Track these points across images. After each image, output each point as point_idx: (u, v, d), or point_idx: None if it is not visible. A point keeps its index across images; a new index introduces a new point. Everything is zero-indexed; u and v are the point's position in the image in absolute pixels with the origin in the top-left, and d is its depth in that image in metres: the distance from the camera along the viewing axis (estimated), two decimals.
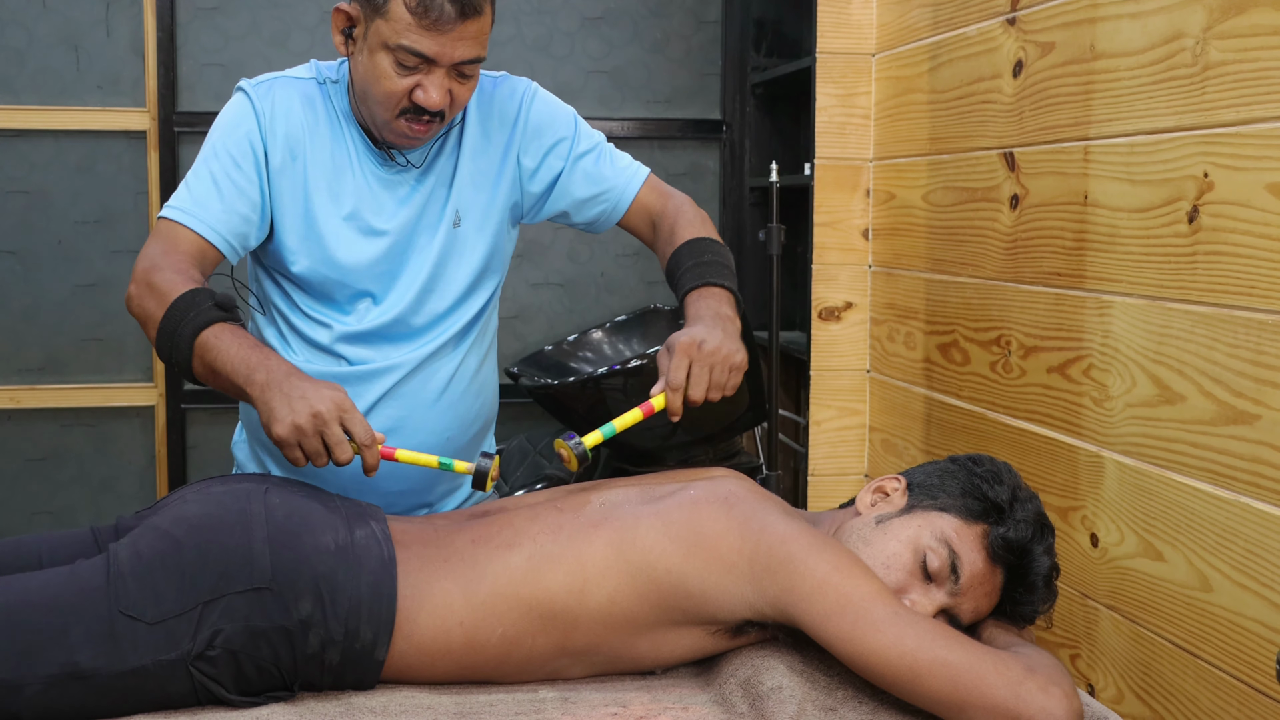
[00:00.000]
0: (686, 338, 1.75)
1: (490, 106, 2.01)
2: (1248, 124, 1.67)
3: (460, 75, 1.83)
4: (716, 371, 1.74)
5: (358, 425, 1.62)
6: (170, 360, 1.73)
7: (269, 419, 1.62)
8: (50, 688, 1.49)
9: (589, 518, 1.68)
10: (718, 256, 1.94)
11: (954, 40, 2.51)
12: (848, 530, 1.72)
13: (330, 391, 1.63)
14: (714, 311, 1.84)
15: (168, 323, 1.72)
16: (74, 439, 3.61)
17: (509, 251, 2.09)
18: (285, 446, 1.61)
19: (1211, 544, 1.76)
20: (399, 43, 1.77)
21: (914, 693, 1.48)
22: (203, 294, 1.73)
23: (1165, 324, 1.85)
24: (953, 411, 2.55)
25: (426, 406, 1.99)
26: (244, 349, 1.69)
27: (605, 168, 2.05)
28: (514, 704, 1.57)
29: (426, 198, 1.97)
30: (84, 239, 3.56)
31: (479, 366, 2.07)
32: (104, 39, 3.52)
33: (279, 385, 1.64)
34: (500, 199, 2.02)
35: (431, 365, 1.99)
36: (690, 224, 2.00)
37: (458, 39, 1.78)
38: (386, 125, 1.86)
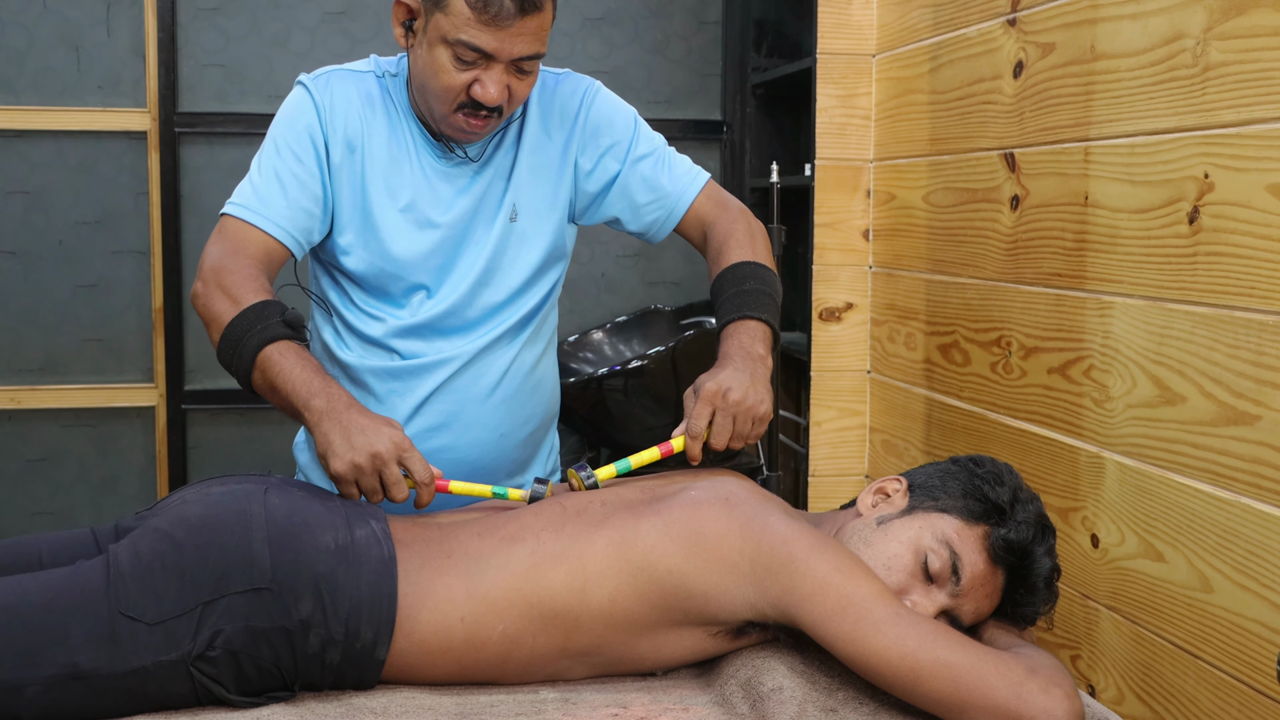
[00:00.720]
0: (713, 384, 1.74)
1: (552, 103, 1.99)
2: (1248, 125, 1.67)
3: (519, 71, 1.81)
4: (739, 422, 1.73)
5: (417, 464, 1.64)
6: (229, 367, 1.74)
7: (326, 452, 1.63)
8: (50, 688, 1.49)
9: (591, 517, 1.68)
10: (760, 284, 1.91)
11: (954, 41, 2.51)
12: (849, 531, 1.72)
13: (389, 430, 1.64)
14: (745, 351, 1.81)
15: (233, 329, 1.73)
16: (74, 439, 3.61)
17: (568, 248, 2.07)
18: (342, 483, 1.63)
19: (1212, 545, 1.75)
20: (458, 37, 1.76)
21: (915, 693, 1.48)
22: (273, 307, 1.74)
23: (1166, 325, 1.85)
24: (953, 412, 2.55)
25: (479, 402, 1.98)
26: (306, 371, 1.69)
27: (663, 173, 2.02)
28: (515, 704, 1.57)
29: (484, 191, 1.96)
30: (84, 239, 3.56)
31: (535, 363, 2.04)
32: (104, 39, 3.52)
33: (338, 417, 1.65)
34: (558, 195, 2.00)
35: (484, 359, 1.98)
36: (739, 244, 1.96)
37: (517, 35, 1.76)
38: (444, 119, 1.86)
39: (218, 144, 3.61)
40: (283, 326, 1.73)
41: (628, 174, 2.01)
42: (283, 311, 1.75)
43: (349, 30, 3.65)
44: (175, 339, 3.60)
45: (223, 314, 1.74)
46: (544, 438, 2.13)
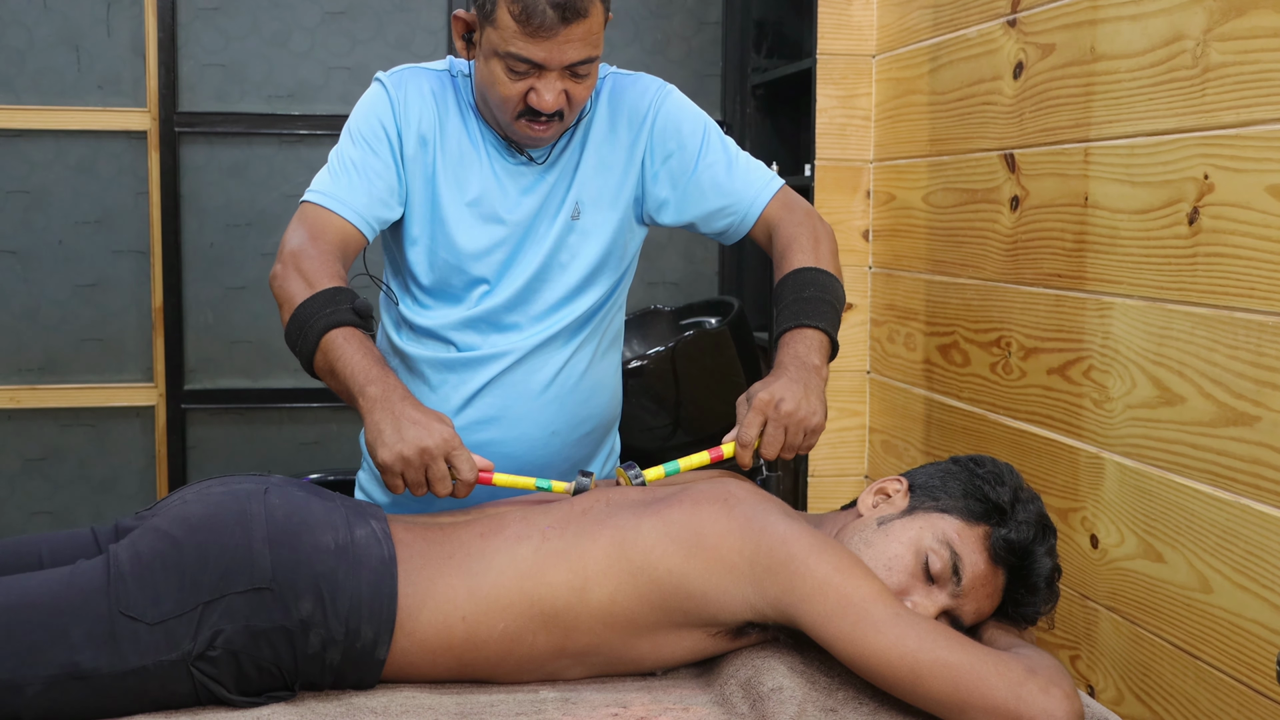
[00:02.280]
0: (766, 394, 1.73)
1: (621, 104, 2.00)
2: (1248, 126, 1.67)
3: (574, 75, 1.83)
4: (791, 433, 1.73)
5: (463, 463, 1.64)
6: (295, 346, 1.77)
7: (376, 442, 1.64)
8: (51, 688, 1.49)
9: (593, 516, 1.68)
10: (820, 291, 1.89)
11: (954, 42, 2.51)
12: (849, 532, 1.72)
13: (440, 426, 1.64)
14: (800, 361, 1.80)
15: (304, 311, 1.75)
16: (74, 439, 3.62)
17: (632, 250, 2.07)
18: (388, 473, 1.63)
19: (1211, 545, 1.76)
20: (507, 50, 1.79)
21: (915, 694, 1.48)
22: (345, 294, 1.76)
23: (1165, 325, 1.85)
24: (953, 413, 2.55)
25: (530, 398, 1.99)
26: (366, 359, 1.71)
27: (733, 178, 2.02)
28: (515, 704, 1.57)
29: (549, 188, 1.98)
30: (84, 239, 3.56)
31: (590, 364, 2.04)
32: (104, 39, 3.52)
33: (391, 407, 1.65)
34: (623, 197, 2.01)
35: (539, 357, 1.99)
36: (803, 249, 1.95)
37: (564, 42, 1.77)
38: (509, 126, 1.89)
39: (218, 143, 3.61)
40: (351, 313, 1.75)
41: (698, 179, 2.01)
42: (353, 299, 1.77)
43: (349, 30, 3.65)
44: (175, 338, 3.60)
45: (296, 295, 1.77)
46: (602, 440, 2.14)
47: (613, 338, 2.11)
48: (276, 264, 1.83)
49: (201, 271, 3.63)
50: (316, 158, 3.67)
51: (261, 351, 3.70)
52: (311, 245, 1.83)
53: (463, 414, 1.97)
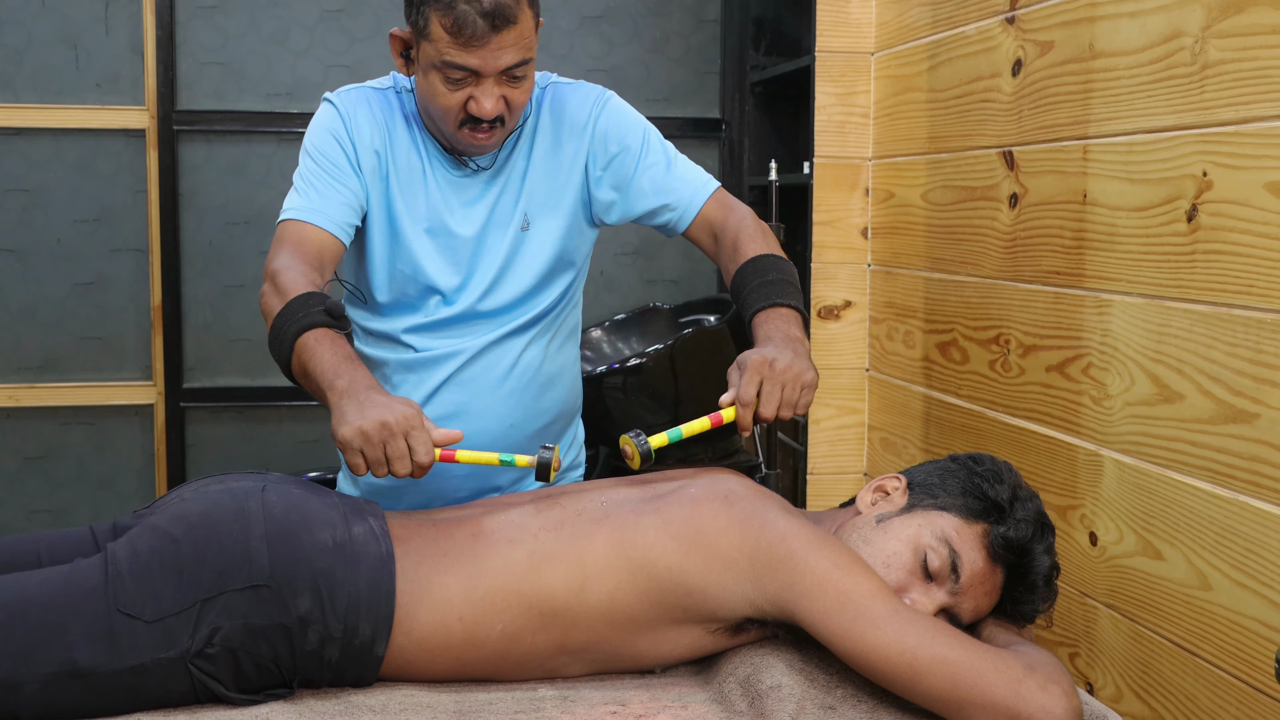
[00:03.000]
0: (758, 356, 1.75)
1: (562, 114, 2.05)
2: (1246, 123, 1.67)
3: (511, 79, 1.87)
4: (788, 390, 1.74)
5: (420, 443, 1.63)
6: (275, 356, 1.79)
7: (338, 421, 1.63)
8: (49, 686, 1.49)
9: (590, 515, 1.68)
10: (782, 274, 1.94)
11: (953, 39, 2.51)
12: (848, 529, 1.72)
13: (403, 406, 1.64)
14: (783, 333, 1.84)
15: (279, 320, 1.78)
16: (73, 437, 3.61)
17: (584, 251, 2.12)
18: (347, 450, 1.62)
19: (1210, 543, 1.76)
20: (443, 60, 1.84)
21: (913, 690, 1.48)
22: (316, 298, 1.79)
23: (1164, 323, 1.85)
24: (952, 410, 2.55)
25: (488, 392, 2.05)
26: (337, 357, 1.72)
27: (672, 180, 2.07)
28: (513, 702, 1.57)
29: (496, 199, 2.03)
30: (83, 237, 3.55)
31: (544, 358, 2.10)
32: (103, 37, 3.52)
33: (356, 395, 1.66)
34: (569, 203, 2.06)
35: (493, 353, 2.04)
36: (752, 239, 2.00)
37: (497, 49, 1.83)
38: (453, 137, 1.94)
39: (216, 142, 3.61)
40: (323, 314, 1.77)
41: (638, 181, 2.06)
42: (324, 301, 1.79)
43: (347, 28, 3.65)
44: (174, 337, 3.60)
45: (273, 309, 1.81)
46: (563, 431, 2.19)
47: (568, 331, 2.17)
48: (264, 284, 1.87)
49: (200, 270, 3.63)
50: None
51: (260, 349, 3.69)
52: (289, 260, 1.87)
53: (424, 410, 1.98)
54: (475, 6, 1.80)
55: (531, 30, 1.87)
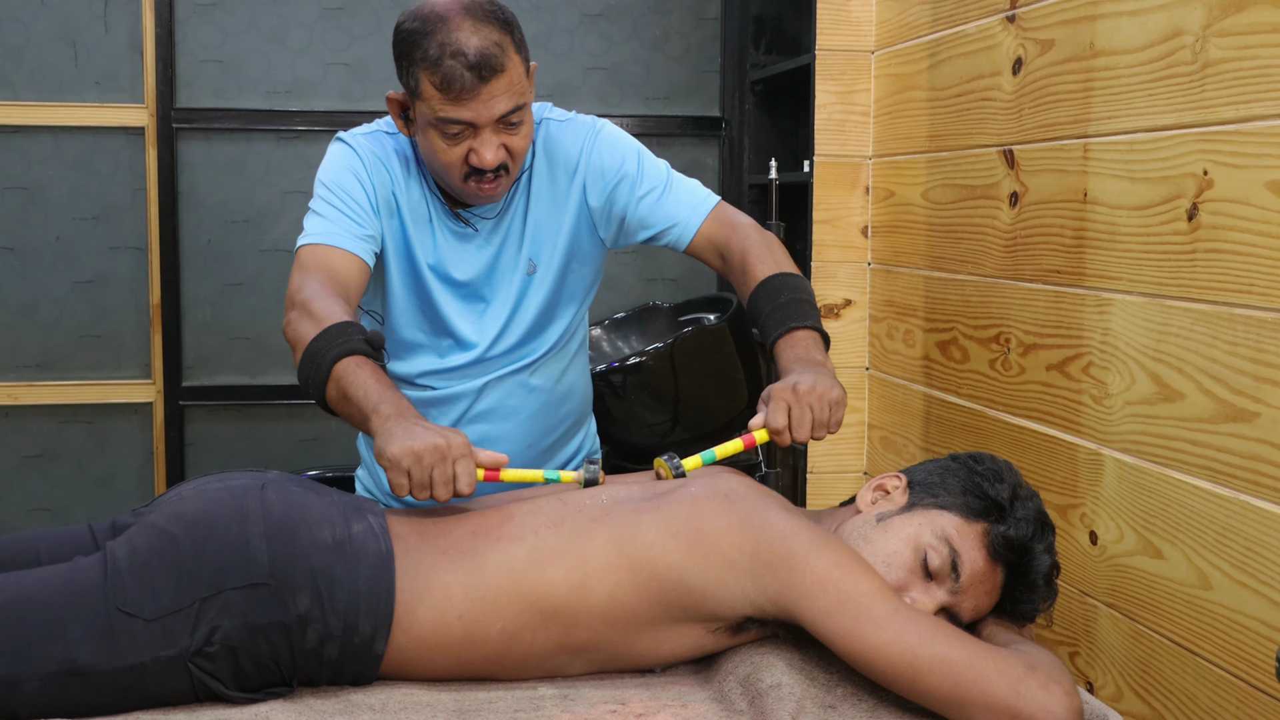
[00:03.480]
0: (780, 385, 1.78)
1: (556, 151, 2.06)
2: (1247, 121, 1.67)
3: (507, 126, 1.88)
4: (817, 410, 1.75)
5: (465, 473, 1.63)
6: (307, 381, 1.77)
7: (386, 442, 1.62)
8: (48, 684, 1.49)
9: (591, 513, 1.68)
10: (795, 293, 1.94)
11: (953, 37, 2.51)
12: (848, 528, 1.71)
13: (454, 434, 1.65)
14: (803, 359, 1.85)
15: (315, 345, 1.76)
16: (72, 435, 3.61)
17: (592, 279, 2.14)
18: (394, 469, 1.60)
19: (1211, 542, 1.75)
20: (437, 117, 1.86)
21: (914, 690, 1.48)
22: (355, 327, 1.79)
23: (1165, 322, 1.85)
24: (952, 409, 2.54)
25: (505, 419, 2.11)
26: (380, 384, 1.72)
27: (668, 204, 2.07)
28: (513, 701, 1.57)
29: (500, 245, 2.05)
30: (82, 235, 3.55)
31: (558, 379, 2.15)
32: (102, 35, 3.52)
33: (405, 419, 1.66)
34: (572, 240, 2.07)
35: (508, 384, 2.10)
36: (760, 258, 2.00)
37: (488, 99, 1.84)
38: (461, 190, 1.95)
39: (215, 140, 3.61)
40: (363, 343, 1.77)
41: (635, 209, 2.06)
42: (363, 331, 1.79)
43: (347, 26, 3.65)
44: (173, 335, 3.60)
45: (307, 335, 1.78)
46: (575, 433, 2.24)
47: (579, 344, 2.20)
48: (288, 313, 1.85)
49: (199, 268, 3.63)
50: (314, 154, 3.66)
51: (259, 348, 3.69)
52: (319, 288, 1.86)
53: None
54: (461, 60, 1.81)
55: (522, 75, 1.87)
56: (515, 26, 1.88)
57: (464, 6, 1.85)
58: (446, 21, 1.84)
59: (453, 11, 1.84)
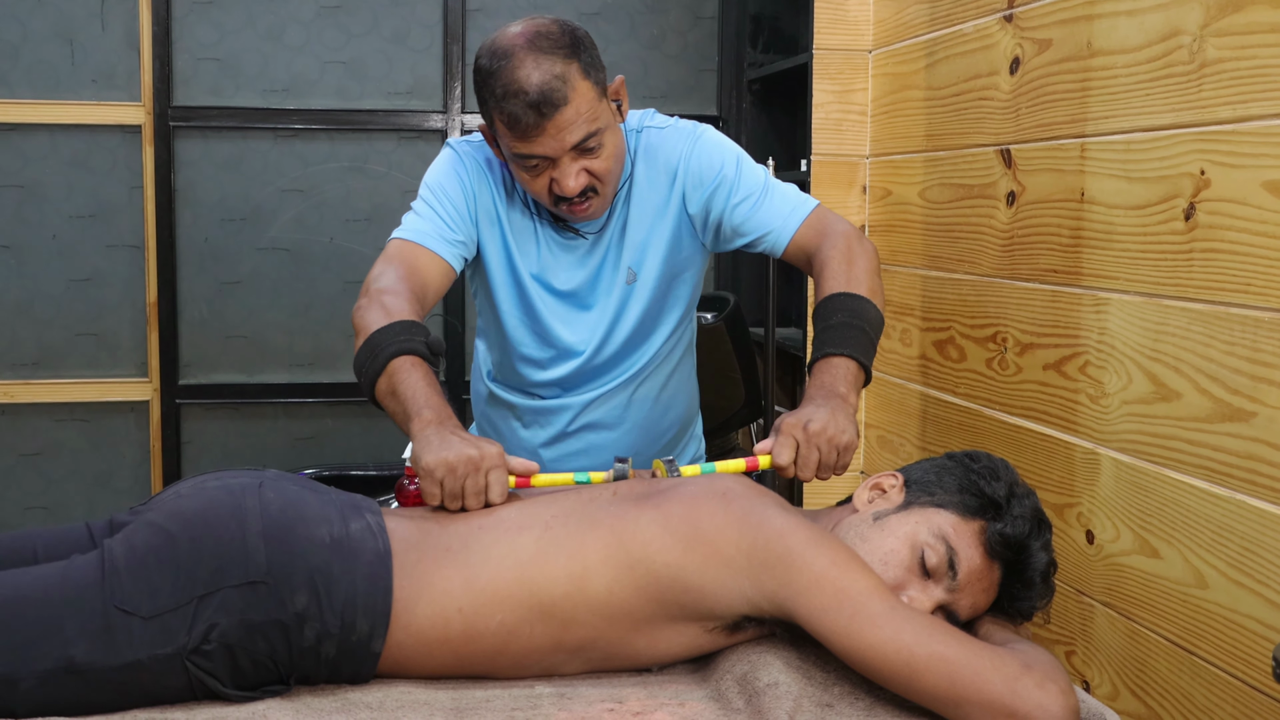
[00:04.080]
0: (793, 419, 1.77)
1: (655, 160, 2.05)
2: (1244, 121, 1.67)
3: (585, 152, 1.88)
4: (825, 452, 1.75)
5: (497, 482, 1.66)
6: (361, 369, 1.80)
7: (422, 449, 1.65)
8: (45, 682, 1.48)
9: (595, 507, 1.68)
10: (849, 316, 1.90)
11: (951, 37, 2.51)
12: (845, 527, 1.72)
13: (488, 445, 1.66)
14: (827, 390, 1.82)
15: (378, 336, 1.79)
16: (68, 434, 3.61)
17: (691, 285, 2.14)
18: (428, 478, 1.63)
19: (1207, 541, 1.76)
20: (514, 153, 1.88)
21: (911, 688, 1.48)
22: (420, 328, 1.81)
23: (1162, 321, 1.85)
24: (949, 408, 2.55)
25: (610, 429, 2.15)
26: (430, 389, 1.74)
27: (763, 212, 2.05)
28: (510, 700, 1.57)
29: (601, 258, 2.06)
30: (78, 233, 3.55)
31: (662, 388, 2.18)
32: (99, 33, 3.51)
33: (444, 427, 1.68)
34: (672, 247, 2.07)
35: (617, 396, 2.13)
36: (834, 275, 1.97)
37: (555, 133, 1.84)
38: (557, 212, 1.97)
39: (212, 138, 3.61)
40: (423, 346, 1.79)
41: (730, 215, 2.05)
42: (427, 334, 1.81)
43: (344, 24, 3.64)
44: (169, 333, 3.60)
45: (373, 323, 1.81)
46: (682, 437, 2.27)
47: (685, 347, 2.22)
48: (361, 298, 1.88)
49: (196, 266, 3.63)
50: (311, 152, 3.67)
51: (256, 346, 3.69)
52: (399, 284, 1.89)
53: (555, 447, 2.14)
54: (522, 99, 1.81)
55: (593, 100, 1.86)
56: (585, 48, 1.88)
57: (529, 39, 1.84)
58: (510, 57, 1.83)
59: (517, 46, 1.84)
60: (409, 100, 3.72)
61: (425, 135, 3.73)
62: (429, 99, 3.73)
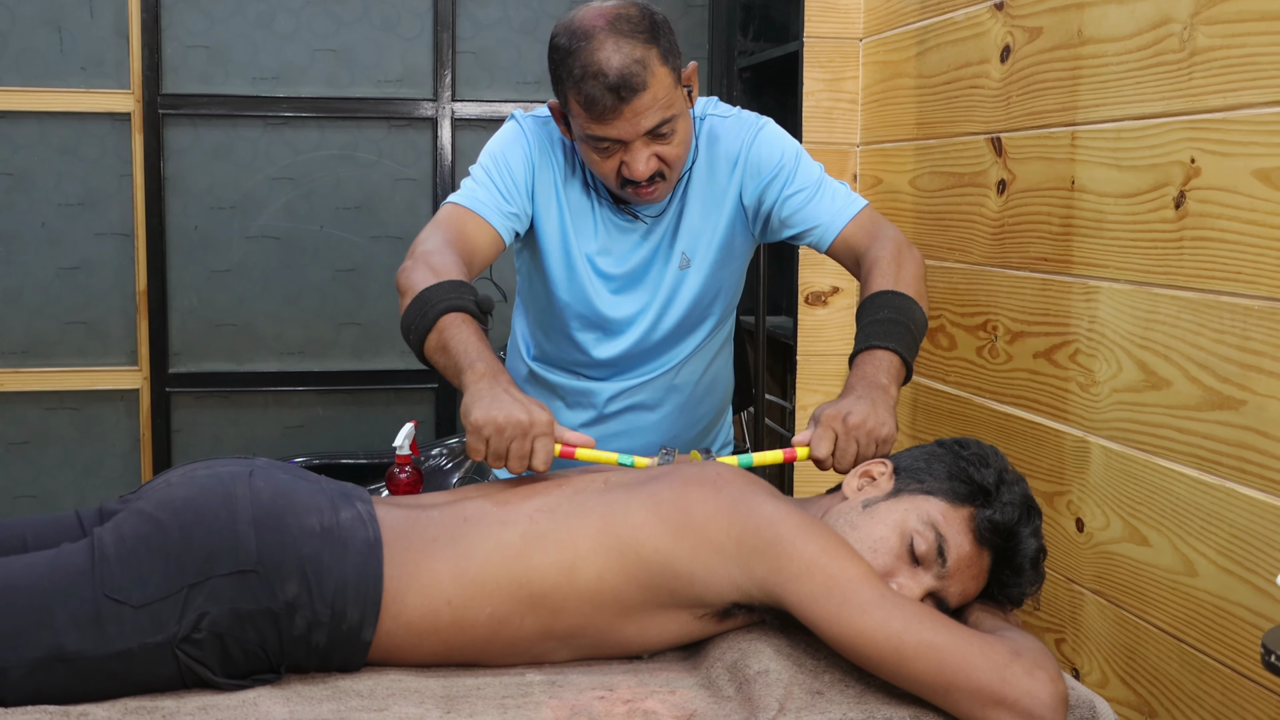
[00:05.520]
0: (833, 410, 1.76)
1: (717, 146, 2.06)
2: (1234, 110, 1.67)
3: (658, 137, 1.88)
4: (863, 445, 1.74)
5: (542, 449, 1.66)
6: (410, 326, 1.80)
7: (473, 403, 1.66)
8: (35, 671, 1.48)
9: (586, 496, 1.68)
10: (895, 313, 1.90)
11: (942, 25, 2.51)
12: (835, 514, 1.72)
13: (538, 409, 1.66)
14: (868, 380, 1.82)
15: (428, 293, 1.80)
16: (58, 422, 3.60)
17: (739, 275, 2.16)
18: (475, 434, 1.64)
19: (1196, 529, 1.76)
20: (586, 134, 1.88)
21: (900, 675, 1.48)
22: (469, 287, 1.82)
23: (1151, 309, 1.85)
24: (939, 396, 2.55)
25: (651, 411, 2.16)
26: (481, 343, 1.75)
27: (814, 206, 2.04)
28: (501, 687, 1.57)
29: (658, 241, 2.06)
30: (68, 221, 3.54)
31: (702, 373, 2.20)
32: (87, 20, 3.50)
33: (497, 381, 1.69)
34: (726, 236, 2.08)
35: (656, 385, 2.15)
36: (884, 272, 1.96)
37: (633, 116, 1.84)
38: (621, 195, 1.97)
39: (202, 125, 3.60)
40: (473, 303, 1.80)
41: (781, 208, 2.05)
42: (477, 294, 1.82)
43: (334, 12, 3.63)
44: (159, 322, 3.59)
45: (421, 283, 1.82)
46: (716, 424, 2.29)
47: (727, 335, 2.24)
48: (406, 260, 1.89)
49: (186, 254, 3.62)
50: (301, 140, 3.66)
51: (246, 335, 3.69)
52: (444, 244, 1.90)
53: (594, 428, 2.14)
54: (601, 81, 1.81)
55: (670, 87, 1.86)
56: (664, 33, 1.87)
57: (610, 21, 1.84)
58: (591, 39, 1.83)
59: (598, 27, 1.84)
60: (399, 88, 3.71)
61: (415, 123, 3.73)
62: (419, 87, 3.72)
